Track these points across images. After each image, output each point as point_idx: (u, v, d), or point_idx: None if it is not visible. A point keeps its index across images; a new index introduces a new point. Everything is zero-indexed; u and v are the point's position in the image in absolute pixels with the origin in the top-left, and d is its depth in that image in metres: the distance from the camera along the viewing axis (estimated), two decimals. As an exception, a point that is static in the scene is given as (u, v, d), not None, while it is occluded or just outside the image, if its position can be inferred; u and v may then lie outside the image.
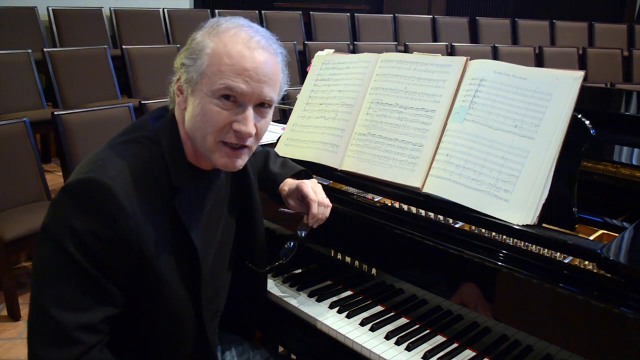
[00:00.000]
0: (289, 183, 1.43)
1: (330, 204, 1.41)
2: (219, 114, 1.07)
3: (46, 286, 1.02)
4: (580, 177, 1.27)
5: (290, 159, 1.58)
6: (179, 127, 1.16)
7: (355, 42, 6.27)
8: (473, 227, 1.32)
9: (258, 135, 1.14)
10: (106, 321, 1.05)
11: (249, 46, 1.08)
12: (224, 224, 1.30)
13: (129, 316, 1.10)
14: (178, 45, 5.25)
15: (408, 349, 1.28)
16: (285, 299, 1.51)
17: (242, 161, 1.14)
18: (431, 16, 7.38)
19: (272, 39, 1.14)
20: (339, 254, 1.53)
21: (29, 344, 1.03)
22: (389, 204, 1.49)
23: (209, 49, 1.07)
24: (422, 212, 1.42)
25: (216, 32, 1.09)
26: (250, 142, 1.12)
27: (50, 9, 5.44)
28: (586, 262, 1.14)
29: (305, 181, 1.41)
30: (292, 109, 1.81)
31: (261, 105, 1.12)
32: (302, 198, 1.39)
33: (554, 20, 7.54)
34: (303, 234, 1.39)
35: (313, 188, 1.39)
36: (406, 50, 5.98)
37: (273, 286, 1.58)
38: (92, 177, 1.03)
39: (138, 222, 1.04)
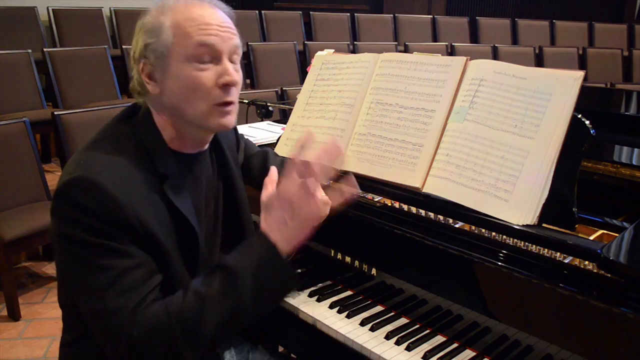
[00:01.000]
0: None
1: (330, 202, 1.41)
2: (202, 77, 1.10)
3: (93, 288, 1.02)
4: (580, 177, 1.27)
5: (290, 159, 1.58)
6: (155, 116, 1.17)
7: (355, 42, 6.27)
8: (473, 227, 1.32)
9: (238, 87, 1.17)
10: (158, 286, 1.07)
11: (203, 7, 1.13)
12: (213, 209, 1.31)
13: None
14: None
15: (408, 349, 1.28)
16: (285, 299, 1.51)
17: (233, 118, 1.17)
18: (431, 16, 7.38)
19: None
20: (339, 254, 1.53)
21: (105, 343, 1.04)
22: (389, 204, 1.49)
23: (168, 22, 1.10)
24: (422, 212, 1.42)
25: (167, 8, 1.13)
26: (235, 95, 1.15)
27: (50, 9, 5.44)
28: (586, 262, 1.14)
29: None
30: (292, 109, 1.81)
31: (232, 60, 1.15)
32: None
33: (554, 20, 7.55)
34: None
35: None
36: (406, 50, 5.98)
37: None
38: (78, 176, 1.04)
39: (135, 209, 1.05)
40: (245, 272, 1.06)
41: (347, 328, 1.36)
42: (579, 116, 1.28)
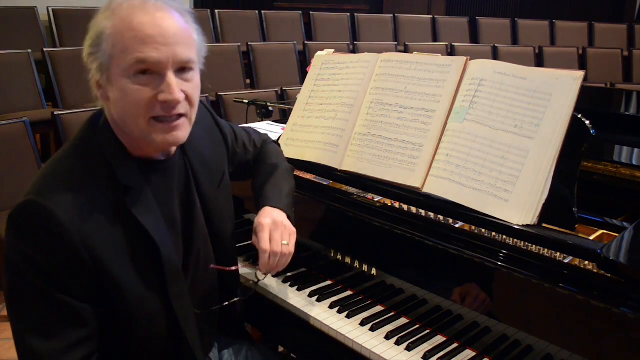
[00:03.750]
0: (259, 215, 1.32)
1: (292, 251, 1.29)
2: (140, 92, 1.03)
3: (19, 315, 1.03)
4: (580, 177, 1.27)
5: (290, 158, 1.58)
6: (112, 124, 1.12)
7: (355, 42, 6.26)
8: (473, 227, 1.32)
9: (190, 100, 1.09)
10: (86, 339, 1.05)
11: (146, 12, 1.02)
12: (187, 218, 1.24)
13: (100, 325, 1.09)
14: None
15: (408, 349, 1.28)
16: (285, 299, 1.51)
17: (182, 133, 1.09)
18: (431, 16, 7.37)
19: (171, 0, 1.08)
20: (339, 254, 1.53)
21: None
22: (389, 204, 1.48)
23: (109, 30, 1.03)
24: (422, 212, 1.42)
25: (110, 11, 1.04)
26: (183, 109, 1.07)
27: (50, 9, 5.44)
28: (586, 262, 1.14)
29: (266, 222, 1.28)
30: (292, 109, 1.81)
31: (182, 70, 1.07)
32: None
33: (554, 20, 7.54)
34: (262, 278, 1.35)
35: (272, 232, 1.27)
36: (406, 50, 5.97)
37: (273, 286, 1.57)
38: (28, 201, 1.02)
39: (84, 235, 1.02)
40: None
41: (347, 328, 1.36)
42: (579, 116, 1.28)
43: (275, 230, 1.28)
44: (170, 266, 1.14)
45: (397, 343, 1.30)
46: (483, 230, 1.30)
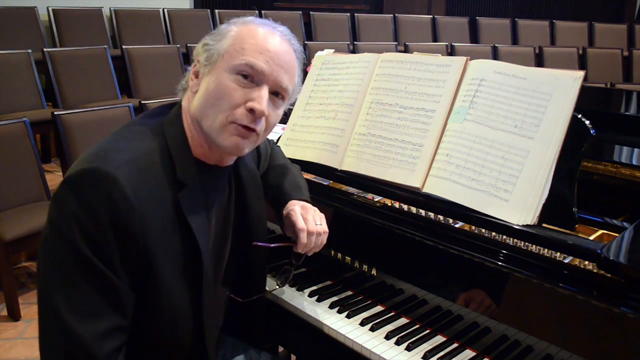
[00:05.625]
0: (287, 207, 1.37)
1: (326, 230, 1.35)
2: (235, 91, 1.08)
3: (57, 289, 0.97)
4: (580, 177, 1.27)
5: (290, 159, 1.58)
6: (184, 118, 1.14)
7: (355, 42, 6.27)
8: (473, 227, 1.32)
9: (268, 125, 1.13)
10: (122, 329, 1.02)
11: (273, 35, 1.12)
12: (222, 229, 1.25)
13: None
14: (178, 45, 5.25)
15: (408, 349, 1.28)
16: (285, 299, 1.51)
17: (247, 146, 1.12)
18: (431, 16, 7.38)
19: (294, 38, 1.18)
20: (339, 254, 1.53)
21: (42, 352, 1.00)
22: (389, 204, 1.49)
23: (234, 32, 1.11)
24: (422, 212, 1.42)
25: (243, 21, 1.14)
26: (260, 127, 1.10)
27: (50, 9, 5.44)
28: (586, 262, 1.14)
29: (296, 208, 1.33)
30: (292, 109, 1.81)
31: (275, 95, 1.13)
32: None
33: (554, 20, 7.55)
34: (298, 262, 1.36)
35: (304, 215, 1.32)
36: (406, 50, 5.98)
37: (273, 286, 1.57)
38: (95, 167, 0.98)
39: (142, 216, 1.00)
40: None
41: (347, 328, 1.36)
42: (579, 116, 1.28)
43: (306, 213, 1.33)
44: (207, 272, 1.14)
45: (397, 343, 1.30)
46: (483, 230, 1.30)
